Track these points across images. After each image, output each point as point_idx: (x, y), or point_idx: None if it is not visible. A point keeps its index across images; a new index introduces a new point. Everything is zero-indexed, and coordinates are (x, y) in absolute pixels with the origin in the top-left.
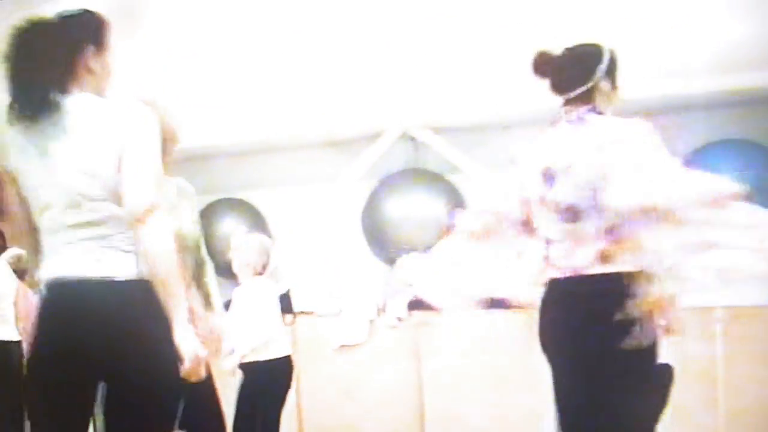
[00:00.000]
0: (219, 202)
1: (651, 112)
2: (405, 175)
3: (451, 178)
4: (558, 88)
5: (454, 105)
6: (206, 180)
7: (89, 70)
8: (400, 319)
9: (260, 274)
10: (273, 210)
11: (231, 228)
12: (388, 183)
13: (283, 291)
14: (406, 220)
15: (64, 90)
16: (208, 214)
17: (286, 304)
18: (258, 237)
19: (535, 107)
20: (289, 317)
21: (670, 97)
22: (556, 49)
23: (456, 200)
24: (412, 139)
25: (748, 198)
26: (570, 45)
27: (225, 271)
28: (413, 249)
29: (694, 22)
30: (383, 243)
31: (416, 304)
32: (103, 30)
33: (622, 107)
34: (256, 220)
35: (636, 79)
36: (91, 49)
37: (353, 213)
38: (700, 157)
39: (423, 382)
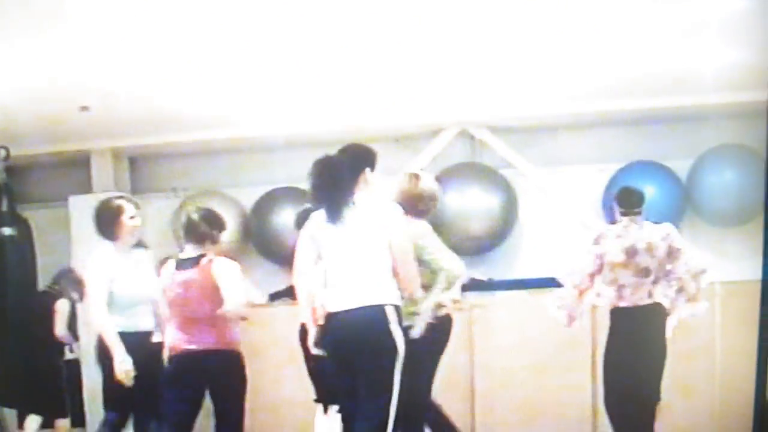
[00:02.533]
0: (278, 191)
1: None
2: (463, 169)
3: (505, 173)
4: (630, 208)
5: (509, 106)
6: (266, 170)
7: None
8: (455, 301)
9: None
10: None
11: (289, 216)
12: (447, 176)
13: None
14: (464, 210)
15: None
16: (267, 202)
17: None
18: None
19: (579, 112)
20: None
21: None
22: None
23: (509, 193)
24: (471, 136)
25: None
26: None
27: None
28: (469, 237)
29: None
30: (440, 231)
31: (469, 287)
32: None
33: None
34: None
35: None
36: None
37: None
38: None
39: (474, 362)
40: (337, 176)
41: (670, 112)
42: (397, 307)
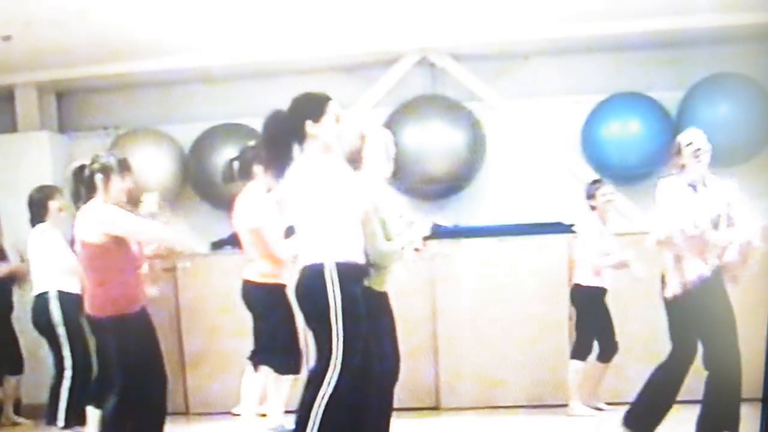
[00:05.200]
0: (220, 127)
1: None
2: (423, 102)
3: (470, 106)
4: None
5: (475, 31)
6: (205, 105)
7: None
8: (417, 250)
9: None
10: None
11: (230, 156)
12: (405, 110)
13: None
14: (424, 149)
15: None
16: (207, 140)
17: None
18: None
19: (554, 37)
20: None
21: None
22: None
23: (475, 129)
24: (432, 65)
25: None
26: None
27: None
28: (431, 179)
29: None
30: (399, 173)
31: (432, 233)
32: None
33: None
34: None
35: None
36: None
37: None
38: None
39: (437, 311)
40: (275, 132)
41: (657, 37)
42: (344, 264)
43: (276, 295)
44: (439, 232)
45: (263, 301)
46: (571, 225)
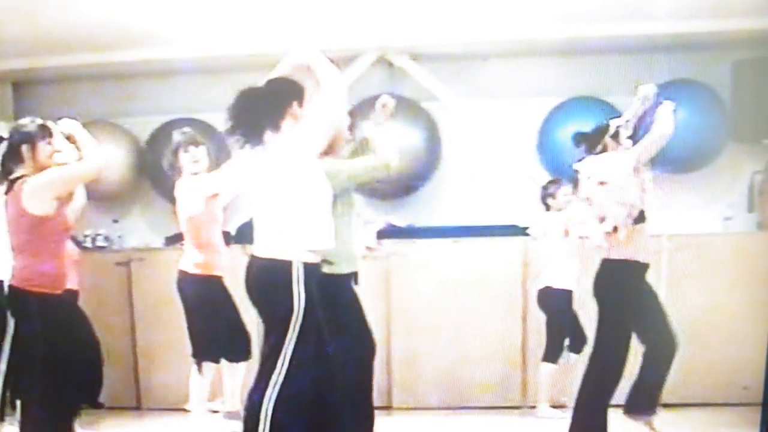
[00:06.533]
0: (177, 122)
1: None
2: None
3: (428, 106)
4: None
5: (434, 32)
6: (163, 99)
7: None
8: (369, 249)
9: None
10: None
11: None
12: (362, 109)
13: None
14: None
15: None
16: (164, 134)
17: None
18: None
19: (512, 39)
20: None
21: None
22: None
23: (432, 129)
24: (389, 64)
25: None
26: None
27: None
28: (387, 178)
29: None
30: None
31: (386, 233)
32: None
33: None
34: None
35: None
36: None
37: None
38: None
39: (392, 311)
40: (258, 104)
41: (615, 42)
42: (311, 265)
43: (210, 288)
44: (394, 232)
45: (196, 293)
46: (526, 227)
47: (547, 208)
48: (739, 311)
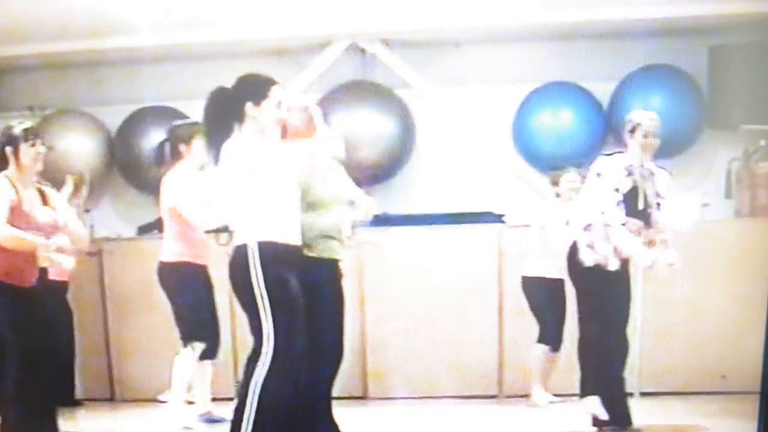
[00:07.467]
0: (148, 110)
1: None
2: (353, 88)
3: (401, 93)
4: None
5: (406, 18)
6: (133, 87)
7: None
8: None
9: None
10: None
11: (158, 139)
12: (334, 96)
13: None
14: (354, 136)
15: None
16: (135, 123)
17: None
18: None
19: (486, 25)
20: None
21: None
22: None
23: (405, 116)
24: (362, 51)
25: None
26: None
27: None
28: (359, 166)
29: None
30: None
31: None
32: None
33: None
34: None
35: None
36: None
37: None
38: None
39: (366, 300)
40: (216, 110)
41: (590, 27)
42: (269, 244)
43: (190, 275)
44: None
45: (176, 281)
46: (502, 215)
47: (556, 194)
48: (717, 298)
